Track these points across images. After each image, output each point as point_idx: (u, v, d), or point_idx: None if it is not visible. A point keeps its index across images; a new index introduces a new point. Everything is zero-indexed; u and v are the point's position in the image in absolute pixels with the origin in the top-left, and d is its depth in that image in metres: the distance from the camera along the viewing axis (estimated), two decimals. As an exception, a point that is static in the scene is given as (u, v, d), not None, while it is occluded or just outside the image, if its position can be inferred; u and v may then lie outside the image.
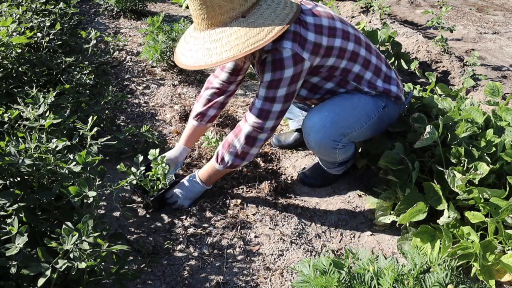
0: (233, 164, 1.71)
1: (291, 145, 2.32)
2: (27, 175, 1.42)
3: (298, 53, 1.51)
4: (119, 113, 2.58)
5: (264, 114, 1.60)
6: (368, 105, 1.76)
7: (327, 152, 1.78)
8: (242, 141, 1.66)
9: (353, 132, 1.75)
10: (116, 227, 1.77)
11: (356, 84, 1.74)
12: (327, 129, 1.70)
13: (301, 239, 1.74)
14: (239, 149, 1.67)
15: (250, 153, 1.69)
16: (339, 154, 1.80)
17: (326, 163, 1.96)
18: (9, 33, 2.16)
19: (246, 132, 1.64)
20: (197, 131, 2.00)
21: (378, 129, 1.88)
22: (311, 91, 1.75)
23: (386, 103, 1.82)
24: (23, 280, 1.19)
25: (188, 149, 2.03)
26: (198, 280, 1.56)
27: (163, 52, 2.94)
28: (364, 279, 1.09)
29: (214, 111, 1.95)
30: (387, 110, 1.83)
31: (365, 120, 1.76)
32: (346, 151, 1.83)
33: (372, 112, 1.77)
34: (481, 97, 2.73)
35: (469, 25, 4.48)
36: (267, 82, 1.56)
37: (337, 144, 1.74)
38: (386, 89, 1.79)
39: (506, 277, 1.46)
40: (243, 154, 1.68)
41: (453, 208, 1.58)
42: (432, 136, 1.68)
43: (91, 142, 1.64)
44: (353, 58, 1.69)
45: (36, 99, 1.80)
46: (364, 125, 1.76)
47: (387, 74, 1.83)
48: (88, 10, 4.43)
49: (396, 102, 1.86)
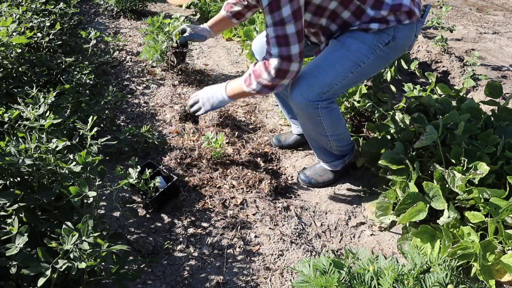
0: (261, 92, 1.71)
1: (291, 145, 2.33)
2: (27, 175, 1.42)
3: None
4: (119, 113, 2.58)
5: (282, 40, 1.53)
6: (359, 52, 1.70)
7: (311, 115, 1.74)
8: (273, 74, 1.60)
9: (334, 87, 1.72)
10: (116, 227, 1.77)
11: (359, 4, 1.63)
12: (305, 90, 1.69)
13: (301, 239, 1.74)
14: (269, 81, 1.63)
15: (279, 85, 1.65)
16: (325, 117, 1.75)
17: (323, 155, 1.98)
18: (9, 33, 2.16)
19: (276, 65, 1.58)
20: (224, 21, 2.17)
21: (383, 63, 1.82)
22: (316, 14, 1.68)
23: (393, 35, 1.70)
24: (23, 280, 1.19)
25: (211, 31, 2.21)
26: (198, 280, 1.56)
27: (163, 52, 2.94)
28: (364, 279, 1.09)
29: (240, 8, 2.07)
30: (394, 42, 1.72)
31: (350, 69, 1.71)
32: (332, 118, 1.78)
33: (363, 56, 1.70)
34: (481, 97, 2.73)
35: (469, 25, 4.48)
36: (267, 7, 1.48)
37: (318, 104, 1.70)
38: (395, 5, 1.64)
39: (506, 277, 1.46)
40: (273, 86, 1.65)
41: (453, 208, 1.58)
42: (431, 136, 1.68)
43: (91, 142, 1.64)
44: None
45: (36, 99, 1.80)
46: (348, 75, 1.71)
47: None
48: (88, 10, 4.43)
49: (408, 25, 1.70)
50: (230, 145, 2.27)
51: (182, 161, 2.12)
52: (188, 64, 3.22)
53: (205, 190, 1.96)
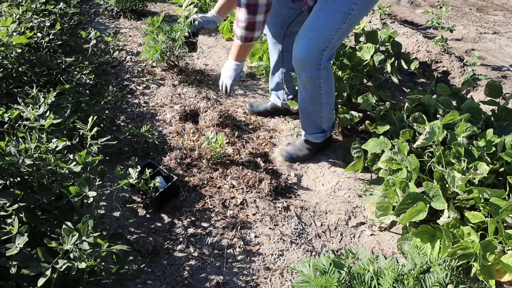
0: (247, 37, 1.84)
1: (261, 113, 2.62)
2: (27, 175, 1.42)
3: None
4: (119, 113, 2.58)
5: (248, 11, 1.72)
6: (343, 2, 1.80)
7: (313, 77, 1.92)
8: (244, 12, 1.76)
9: (331, 41, 1.86)
10: (116, 227, 1.77)
11: None
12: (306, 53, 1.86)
13: (301, 239, 1.74)
14: (245, 21, 1.78)
15: (256, 21, 1.78)
16: (324, 82, 1.95)
17: (310, 125, 2.15)
18: (9, 33, 2.16)
19: (244, 3, 1.74)
20: (227, 2, 2.20)
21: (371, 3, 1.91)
22: None
23: None
24: (23, 280, 1.19)
25: (219, 16, 2.24)
26: (198, 280, 1.56)
27: (163, 52, 2.94)
28: (364, 279, 1.09)
29: None
30: None
31: (342, 20, 1.82)
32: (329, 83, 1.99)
33: (351, 3, 1.80)
34: (481, 97, 2.72)
35: (469, 25, 4.48)
36: None
37: (320, 62, 1.89)
38: None
39: (506, 277, 1.46)
40: (250, 24, 1.79)
41: (453, 208, 1.58)
42: (431, 136, 1.68)
43: (91, 142, 1.64)
44: None
45: (36, 99, 1.80)
46: (341, 26, 1.83)
47: None
48: (88, 10, 4.43)
49: None
50: (230, 145, 2.27)
51: (182, 161, 2.12)
52: (188, 64, 3.22)
53: (205, 190, 1.96)
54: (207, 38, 3.80)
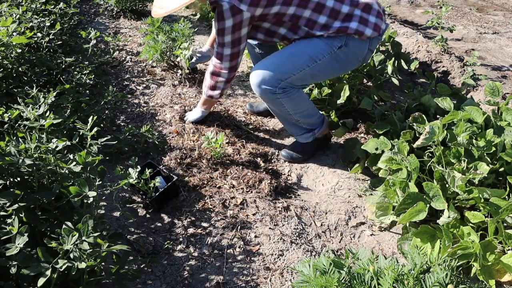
0: (210, 94, 2.19)
1: (261, 113, 2.64)
2: (27, 175, 1.42)
3: (235, 5, 1.74)
4: (119, 113, 2.58)
5: (219, 56, 1.97)
6: (315, 49, 1.89)
7: (270, 98, 1.96)
8: (209, 77, 2.11)
9: (291, 76, 1.90)
10: (116, 227, 1.77)
11: (307, 29, 1.87)
12: (264, 76, 1.90)
13: (301, 239, 1.74)
14: (209, 83, 2.13)
15: (217, 86, 2.11)
16: (284, 100, 1.96)
17: (292, 129, 2.17)
18: (9, 33, 2.16)
19: (211, 70, 2.08)
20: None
21: (336, 68, 1.98)
22: (267, 35, 1.97)
23: (346, 42, 1.88)
24: (23, 280, 1.19)
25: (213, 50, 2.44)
26: (198, 280, 1.56)
27: (163, 52, 2.94)
28: (364, 279, 1.09)
29: None
30: (346, 49, 1.90)
31: (307, 63, 1.89)
32: (292, 100, 1.97)
33: (319, 54, 1.89)
34: (481, 97, 2.73)
35: (469, 25, 4.48)
36: (216, 30, 1.86)
37: (275, 89, 1.91)
38: (342, 27, 1.85)
39: (506, 277, 1.46)
40: (212, 86, 2.13)
41: (453, 208, 1.58)
42: (431, 136, 1.68)
43: (91, 142, 1.64)
44: (302, 4, 1.81)
45: (36, 99, 1.80)
46: (305, 68, 1.89)
47: (348, 14, 1.86)
48: (88, 10, 4.43)
49: (360, 39, 1.89)
50: (230, 145, 2.27)
51: (182, 161, 2.12)
52: (188, 64, 3.22)
53: (205, 190, 1.96)
54: (207, 38, 3.80)
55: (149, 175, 1.80)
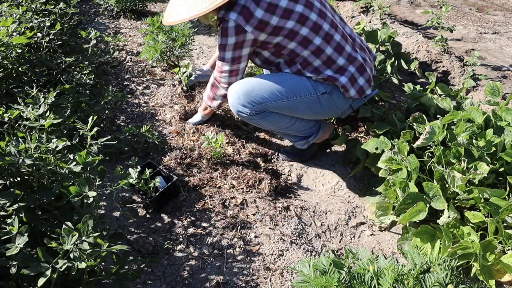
0: (208, 104, 2.21)
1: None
2: (27, 175, 1.42)
3: (241, 25, 1.73)
4: (119, 113, 2.58)
5: (219, 70, 1.97)
6: (300, 85, 1.90)
7: (244, 117, 1.98)
8: (209, 88, 2.15)
9: (267, 102, 1.90)
10: (116, 227, 1.77)
11: (300, 68, 1.89)
12: (239, 95, 1.91)
13: (301, 239, 1.74)
14: (209, 94, 2.16)
15: (215, 98, 2.13)
16: (258, 121, 1.97)
17: (286, 136, 2.18)
18: (9, 33, 2.16)
19: (211, 82, 2.13)
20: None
21: (317, 111, 1.98)
22: (264, 63, 1.99)
23: (330, 91, 1.92)
24: (23, 280, 1.19)
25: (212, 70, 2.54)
26: (198, 280, 1.56)
27: (163, 52, 2.94)
28: (364, 279, 1.09)
29: None
30: (329, 97, 1.93)
31: (287, 95, 1.89)
32: (268, 121, 1.97)
33: (302, 91, 1.90)
34: (481, 97, 2.72)
35: (469, 25, 4.48)
36: (218, 45, 1.88)
37: (248, 111, 1.92)
38: (331, 77, 1.88)
39: (506, 277, 1.46)
40: (211, 98, 2.15)
41: (453, 208, 1.58)
42: (431, 136, 1.68)
43: (91, 142, 1.64)
44: (304, 44, 1.83)
45: (36, 99, 1.80)
46: (283, 99, 1.89)
47: (342, 67, 1.89)
48: (88, 10, 4.43)
49: (344, 94, 1.93)
50: (230, 145, 2.27)
51: (182, 161, 2.12)
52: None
53: (205, 190, 1.96)
54: (207, 38, 3.80)
55: (149, 175, 1.80)
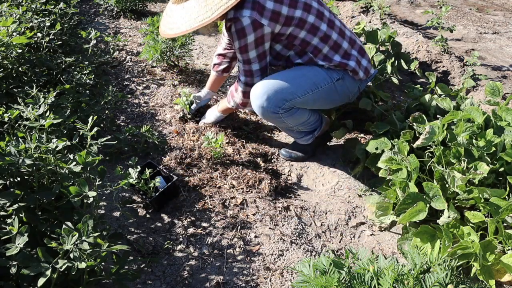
0: (237, 108, 2.16)
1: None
2: (27, 175, 1.42)
3: (256, 19, 1.72)
4: (119, 113, 2.58)
5: (248, 73, 1.93)
6: (318, 76, 1.94)
7: (272, 117, 1.97)
8: (241, 95, 2.04)
9: (296, 98, 1.92)
10: (116, 227, 1.77)
11: (312, 56, 1.92)
12: (269, 95, 1.89)
13: (301, 239, 1.74)
14: (239, 100, 2.06)
15: (248, 103, 2.03)
16: (286, 119, 1.98)
17: (292, 134, 2.18)
18: (9, 33, 2.16)
19: (242, 89, 2.01)
20: (217, 79, 2.48)
21: (334, 99, 2.05)
22: (275, 58, 2.00)
23: (343, 76, 1.98)
24: (23, 280, 1.19)
25: (212, 92, 2.53)
26: (198, 280, 1.56)
27: (163, 52, 2.94)
28: (364, 279, 1.09)
29: (226, 64, 2.39)
30: (343, 82, 1.99)
31: (310, 88, 1.93)
32: (295, 117, 1.99)
33: (321, 82, 1.94)
34: (481, 97, 2.72)
35: (469, 25, 4.48)
36: (238, 49, 1.84)
37: (279, 110, 1.92)
38: (342, 63, 1.94)
39: (506, 277, 1.46)
40: (243, 103, 2.08)
41: (453, 208, 1.58)
42: (431, 136, 1.68)
43: (91, 142, 1.64)
44: (313, 31, 1.87)
45: (36, 99, 1.80)
46: (309, 92, 1.93)
47: (347, 51, 1.97)
48: (88, 10, 4.43)
49: (354, 77, 2.00)
50: (230, 145, 2.27)
51: (182, 161, 2.12)
52: (188, 64, 3.22)
53: (205, 190, 1.96)
54: (207, 38, 3.80)
55: (149, 175, 1.80)
